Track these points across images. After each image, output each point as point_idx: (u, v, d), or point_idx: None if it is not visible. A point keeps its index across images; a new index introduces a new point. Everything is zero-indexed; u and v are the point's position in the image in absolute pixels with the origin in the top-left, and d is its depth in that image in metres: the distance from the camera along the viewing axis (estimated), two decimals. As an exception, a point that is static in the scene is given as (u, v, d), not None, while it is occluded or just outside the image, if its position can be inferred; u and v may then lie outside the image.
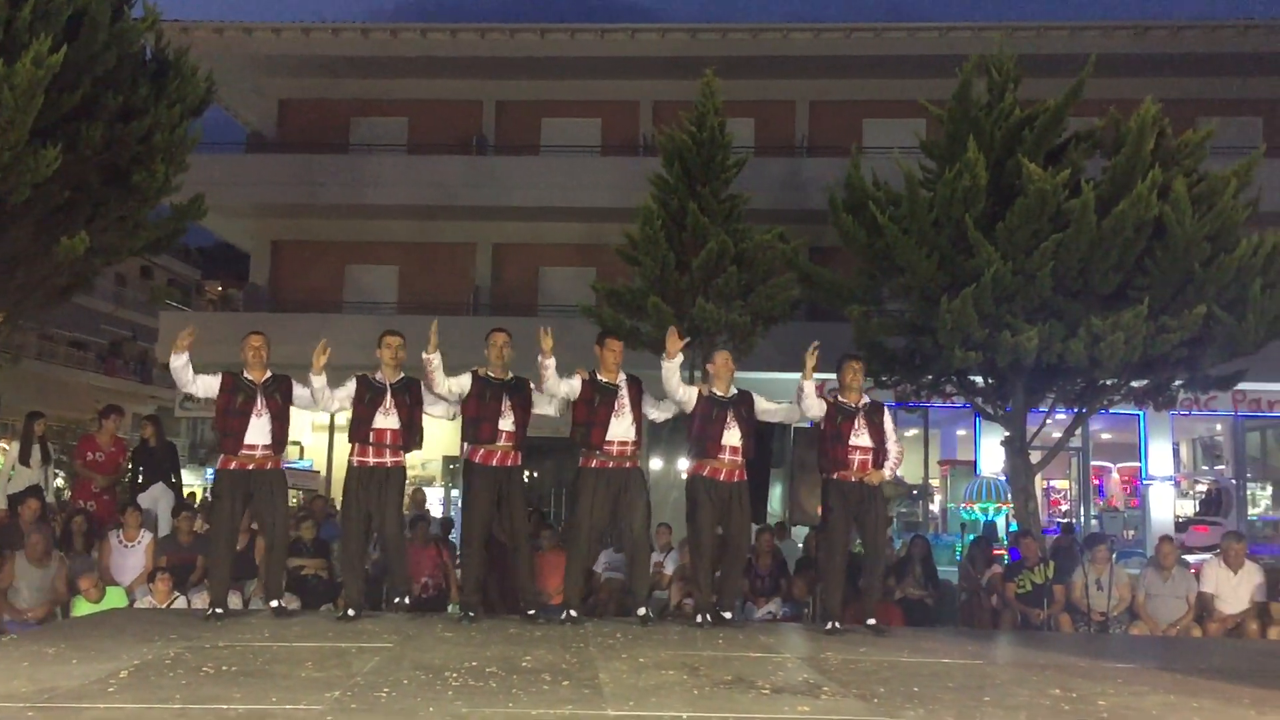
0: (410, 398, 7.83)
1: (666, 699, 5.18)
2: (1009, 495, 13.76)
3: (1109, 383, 12.44)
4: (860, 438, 7.78)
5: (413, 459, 8.31)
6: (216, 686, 5.15)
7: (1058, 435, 14.56)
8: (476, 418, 7.71)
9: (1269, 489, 20.25)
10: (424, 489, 15.30)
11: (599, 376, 7.86)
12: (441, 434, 11.43)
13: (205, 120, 11.61)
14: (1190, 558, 11.76)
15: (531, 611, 7.75)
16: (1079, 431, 16.89)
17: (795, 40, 21.38)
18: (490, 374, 7.82)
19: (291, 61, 22.37)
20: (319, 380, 7.76)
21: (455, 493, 19.67)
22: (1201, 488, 21.77)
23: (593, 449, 7.72)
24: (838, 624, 7.62)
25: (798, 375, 7.89)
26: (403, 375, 7.91)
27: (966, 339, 11.73)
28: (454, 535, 11.37)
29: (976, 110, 12.67)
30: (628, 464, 7.76)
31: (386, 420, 7.73)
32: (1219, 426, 21.54)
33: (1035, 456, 13.52)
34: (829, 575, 7.83)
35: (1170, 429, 20.37)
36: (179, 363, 7.56)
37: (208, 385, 7.74)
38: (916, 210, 12.36)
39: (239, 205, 21.39)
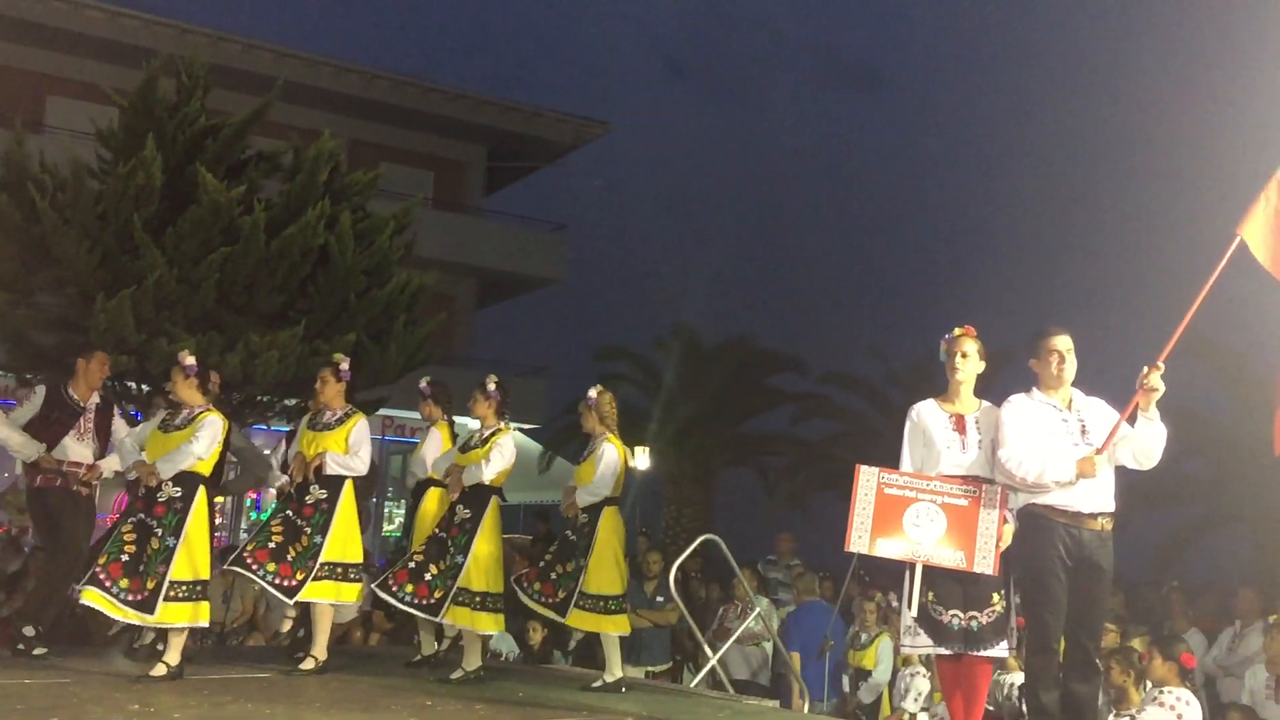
0: None
1: None
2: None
3: (264, 399, 12.78)
4: None
5: None
6: None
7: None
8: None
9: (402, 506, 22.23)
10: None
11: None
12: None
13: None
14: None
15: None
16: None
17: (-27, -6, 18.99)
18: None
19: None
20: None
21: None
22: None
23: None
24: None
25: None
26: None
27: (121, 342, 11.27)
28: None
29: (161, 110, 12.35)
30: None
31: None
32: (373, 450, 23.15)
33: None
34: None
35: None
36: None
37: None
38: (82, 201, 11.67)
39: None
